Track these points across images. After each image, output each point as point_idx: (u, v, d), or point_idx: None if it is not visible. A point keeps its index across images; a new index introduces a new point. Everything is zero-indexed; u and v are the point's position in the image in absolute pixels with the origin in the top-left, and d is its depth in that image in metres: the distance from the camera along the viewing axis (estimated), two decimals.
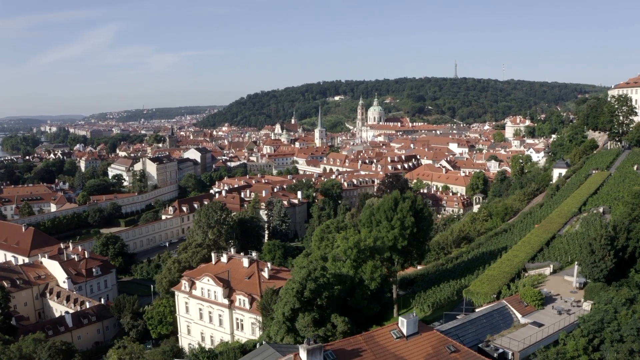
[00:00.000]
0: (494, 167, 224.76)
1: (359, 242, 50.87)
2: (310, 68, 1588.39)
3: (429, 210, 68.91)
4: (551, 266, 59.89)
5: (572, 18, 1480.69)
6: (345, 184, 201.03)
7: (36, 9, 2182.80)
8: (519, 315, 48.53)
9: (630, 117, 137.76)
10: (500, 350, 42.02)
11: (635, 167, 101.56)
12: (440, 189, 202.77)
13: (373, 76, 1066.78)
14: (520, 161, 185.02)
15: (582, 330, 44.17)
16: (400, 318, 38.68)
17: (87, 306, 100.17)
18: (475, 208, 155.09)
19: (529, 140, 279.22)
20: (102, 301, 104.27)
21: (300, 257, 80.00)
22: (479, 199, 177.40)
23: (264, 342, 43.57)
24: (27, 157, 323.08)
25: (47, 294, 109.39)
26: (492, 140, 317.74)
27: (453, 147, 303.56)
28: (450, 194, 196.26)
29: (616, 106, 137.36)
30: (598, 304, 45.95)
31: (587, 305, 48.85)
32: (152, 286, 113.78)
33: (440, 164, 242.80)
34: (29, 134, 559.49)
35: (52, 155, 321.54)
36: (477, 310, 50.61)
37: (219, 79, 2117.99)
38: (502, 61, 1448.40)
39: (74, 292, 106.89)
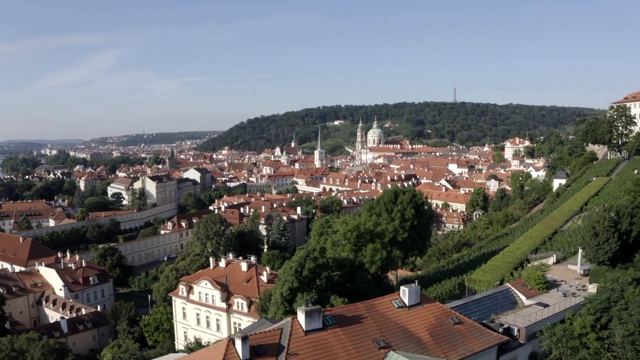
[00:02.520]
0: (493, 186, 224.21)
1: (358, 226, 50.33)
2: (310, 93, 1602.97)
3: (430, 204, 68.38)
4: (554, 256, 59.16)
5: (571, 43, 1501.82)
6: (345, 201, 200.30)
7: (37, 33, 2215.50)
8: (523, 298, 47.67)
9: (630, 128, 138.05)
10: (506, 326, 41.04)
11: (635, 172, 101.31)
12: (440, 206, 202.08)
13: (373, 101, 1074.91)
14: (520, 178, 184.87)
15: (588, 309, 43.23)
16: (402, 287, 37.85)
17: (83, 313, 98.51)
18: None
19: (529, 160, 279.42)
20: (99, 310, 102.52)
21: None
22: (479, 215, 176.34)
23: (262, 318, 42.58)
24: (27, 177, 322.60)
25: (43, 302, 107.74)
26: (492, 161, 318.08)
27: (452, 167, 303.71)
28: (450, 211, 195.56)
29: (615, 117, 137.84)
30: (604, 284, 45.11)
31: (592, 288, 48.04)
32: (149, 296, 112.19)
33: (440, 183, 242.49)
34: (29, 157, 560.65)
35: (51, 175, 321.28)
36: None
37: (219, 105, 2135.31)
38: (500, 86, 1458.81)
39: (70, 300, 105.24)
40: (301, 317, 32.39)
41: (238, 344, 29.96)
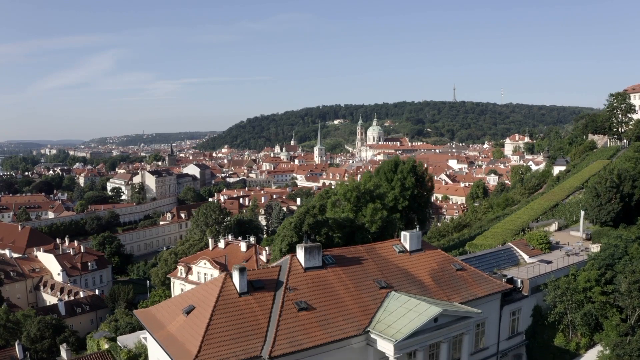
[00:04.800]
0: (493, 180, 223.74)
1: (358, 186, 49.74)
2: (310, 92, 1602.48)
3: (431, 175, 67.87)
4: (556, 223, 58.56)
5: (571, 43, 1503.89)
6: None
7: (37, 35, 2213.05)
8: (525, 256, 47.13)
9: (629, 115, 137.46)
10: (509, 276, 40.47)
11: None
12: (440, 199, 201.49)
13: (372, 100, 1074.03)
14: (520, 171, 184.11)
15: (592, 264, 42.72)
16: (402, 233, 37.23)
17: (81, 296, 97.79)
18: None
19: (528, 156, 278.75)
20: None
21: None
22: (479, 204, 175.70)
23: None
24: (26, 173, 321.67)
25: (41, 287, 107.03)
26: (492, 157, 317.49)
27: (452, 163, 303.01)
28: (450, 203, 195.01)
29: (615, 104, 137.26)
30: (608, 240, 44.57)
31: (595, 248, 47.47)
32: (148, 282, 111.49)
33: (440, 178, 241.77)
34: (28, 156, 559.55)
35: (50, 172, 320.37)
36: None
37: (219, 105, 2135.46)
38: (500, 85, 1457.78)
39: (68, 284, 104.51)
40: (300, 254, 31.83)
41: (235, 276, 29.41)
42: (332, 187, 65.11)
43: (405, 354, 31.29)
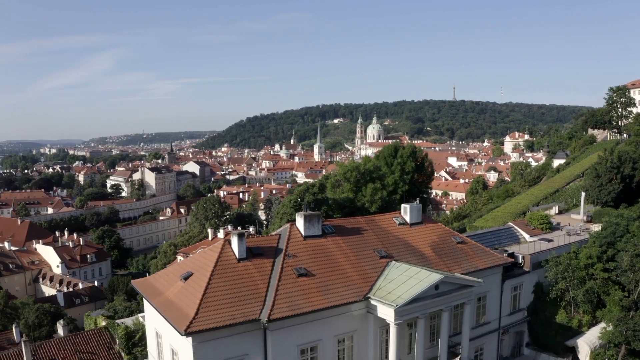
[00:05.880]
0: (493, 177, 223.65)
1: (358, 167, 49.46)
2: (310, 92, 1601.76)
3: (430, 161, 67.65)
4: (557, 207, 58.26)
5: (571, 42, 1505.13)
6: None
7: (37, 35, 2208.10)
8: (526, 236, 46.86)
9: (629, 109, 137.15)
10: (510, 251, 40.21)
11: None
12: (440, 195, 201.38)
13: (372, 99, 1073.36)
14: (520, 168, 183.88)
15: (594, 241, 42.43)
16: (403, 205, 36.94)
17: (80, 287, 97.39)
18: None
19: (528, 154, 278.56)
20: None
21: None
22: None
23: None
24: (26, 171, 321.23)
25: (40, 279, 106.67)
26: (491, 155, 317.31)
27: (452, 161, 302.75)
28: (450, 198, 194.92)
29: (615, 97, 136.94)
30: (609, 219, 44.28)
31: (597, 228, 47.15)
32: (147, 274, 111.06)
33: (440, 174, 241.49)
34: (28, 155, 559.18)
35: (50, 170, 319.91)
36: None
37: (219, 104, 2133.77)
38: (500, 84, 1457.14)
39: (67, 276, 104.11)
40: (300, 222, 31.56)
41: (234, 242, 29.13)
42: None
43: (405, 325, 31.06)
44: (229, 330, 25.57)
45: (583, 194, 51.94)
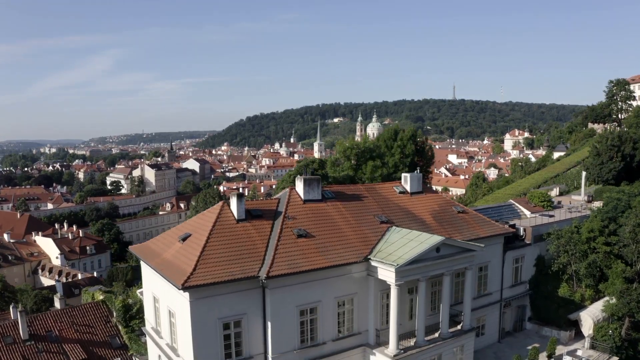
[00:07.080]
0: (493, 174, 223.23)
1: (358, 145, 49.14)
2: (310, 91, 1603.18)
3: (431, 145, 67.32)
4: (557, 189, 57.93)
5: (571, 42, 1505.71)
6: None
7: (37, 35, 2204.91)
8: (527, 213, 46.51)
9: (629, 102, 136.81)
10: (511, 223, 39.89)
11: None
12: (440, 191, 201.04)
13: (372, 98, 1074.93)
14: (520, 164, 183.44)
15: (595, 215, 42.13)
16: (403, 174, 36.65)
17: (79, 278, 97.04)
18: None
19: (528, 151, 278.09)
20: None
21: None
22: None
23: None
24: (26, 169, 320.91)
25: (39, 271, 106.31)
26: (491, 152, 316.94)
27: (452, 158, 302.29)
28: (450, 194, 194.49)
29: (614, 90, 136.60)
30: (611, 194, 43.99)
31: (598, 204, 46.85)
32: None
33: (440, 171, 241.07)
34: (28, 154, 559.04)
35: (50, 168, 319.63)
36: None
37: (219, 104, 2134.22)
38: (500, 83, 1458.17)
39: (67, 268, 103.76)
40: (299, 186, 31.26)
41: (233, 203, 28.82)
42: None
43: (406, 290, 30.73)
44: (227, 287, 25.25)
45: (584, 173, 51.60)
